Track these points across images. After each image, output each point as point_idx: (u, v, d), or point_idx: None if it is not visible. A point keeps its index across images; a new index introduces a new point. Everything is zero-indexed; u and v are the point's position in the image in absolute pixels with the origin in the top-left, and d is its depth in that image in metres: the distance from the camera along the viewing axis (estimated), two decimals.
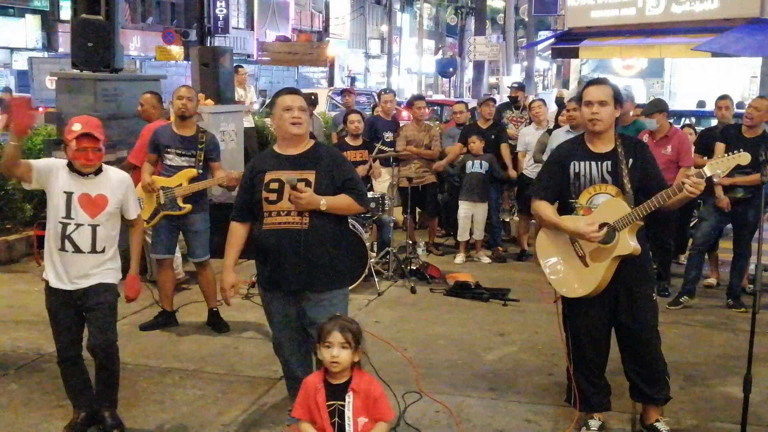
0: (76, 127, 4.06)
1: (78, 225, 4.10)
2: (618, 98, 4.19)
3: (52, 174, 4.14)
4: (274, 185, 4.05)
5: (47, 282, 4.21)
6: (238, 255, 4.29)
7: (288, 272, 4.03)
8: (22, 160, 4.12)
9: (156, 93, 7.01)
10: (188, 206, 5.95)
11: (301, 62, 24.77)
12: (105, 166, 4.22)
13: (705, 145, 7.23)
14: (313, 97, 10.17)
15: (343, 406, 3.24)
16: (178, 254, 6.89)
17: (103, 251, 4.17)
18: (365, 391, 3.27)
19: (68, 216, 4.10)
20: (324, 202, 3.98)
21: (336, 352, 3.26)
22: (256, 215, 4.14)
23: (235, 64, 10.88)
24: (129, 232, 4.43)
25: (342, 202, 4.08)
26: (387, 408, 3.31)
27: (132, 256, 4.39)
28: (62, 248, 4.11)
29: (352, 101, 11.43)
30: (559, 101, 10.59)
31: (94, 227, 4.12)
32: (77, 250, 4.11)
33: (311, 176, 4.03)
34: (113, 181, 4.22)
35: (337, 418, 3.23)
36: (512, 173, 8.83)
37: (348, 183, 4.11)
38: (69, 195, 4.10)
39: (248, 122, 12.30)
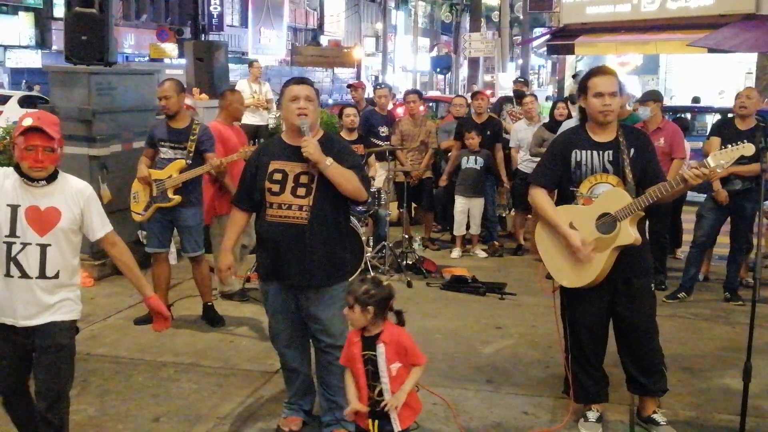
0: (27, 121, 3.39)
1: (24, 245, 3.41)
2: (621, 87, 4.22)
3: None
4: (278, 176, 3.98)
5: None
6: (237, 237, 4.23)
7: (288, 266, 3.98)
8: None
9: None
10: (177, 197, 5.91)
11: (331, 65, 25.59)
12: (63, 174, 3.53)
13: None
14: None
15: (375, 355, 3.53)
16: (173, 249, 6.85)
17: (56, 276, 3.47)
18: (395, 342, 3.55)
19: (13, 234, 3.41)
20: (330, 163, 3.89)
21: (346, 311, 3.60)
22: (257, 202, 4.09)
23: (250, 59, 10.75)
24: (111, 256, 3.71)
25: (349, 174, 3.95)
26: (418, 355, 3.59)
27: (134, 281, 3.70)
28: (8, 273, 3.43)
29: (360, 95, 11.23)
30: (571, 97, 10.50)
31: (43, 247, 3.43)
32: (24, 274, 3.42)
33: (315, 170, 3.94)
34: (69, 191, 3.50)
35: (370, 366, 3.55)
36: (505, 180, 8.81)
37: (353, 171, 3.99)
38: (14, 208, 3.42)
39: (261, 119, 12.08)
